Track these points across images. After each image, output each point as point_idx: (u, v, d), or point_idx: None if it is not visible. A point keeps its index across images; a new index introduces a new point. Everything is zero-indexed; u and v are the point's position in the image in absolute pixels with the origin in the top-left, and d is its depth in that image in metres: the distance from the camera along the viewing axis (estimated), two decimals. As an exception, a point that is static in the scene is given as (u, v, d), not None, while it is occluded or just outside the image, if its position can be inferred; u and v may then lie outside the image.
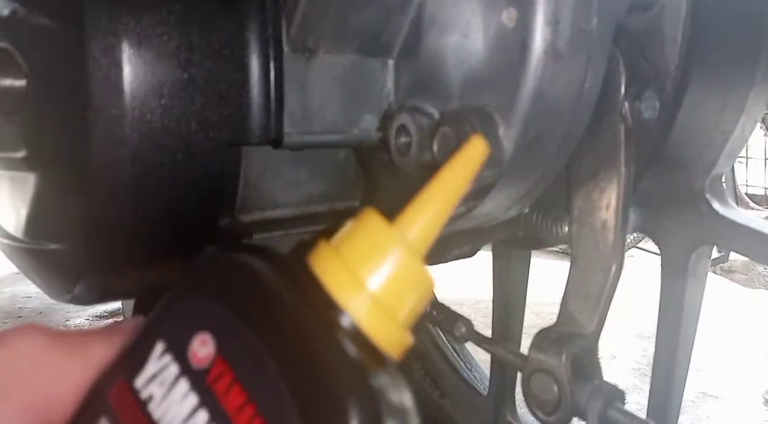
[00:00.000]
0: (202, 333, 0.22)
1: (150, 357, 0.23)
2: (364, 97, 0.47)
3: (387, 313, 0.23)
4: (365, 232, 0.24)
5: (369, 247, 0.24)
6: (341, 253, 0.24)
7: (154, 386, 0.22)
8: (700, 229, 0.56)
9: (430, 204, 0.25)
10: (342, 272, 0.23)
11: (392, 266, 0.24)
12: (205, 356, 0.22)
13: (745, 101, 0.55)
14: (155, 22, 0.41)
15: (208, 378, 0.22)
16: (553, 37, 0.38)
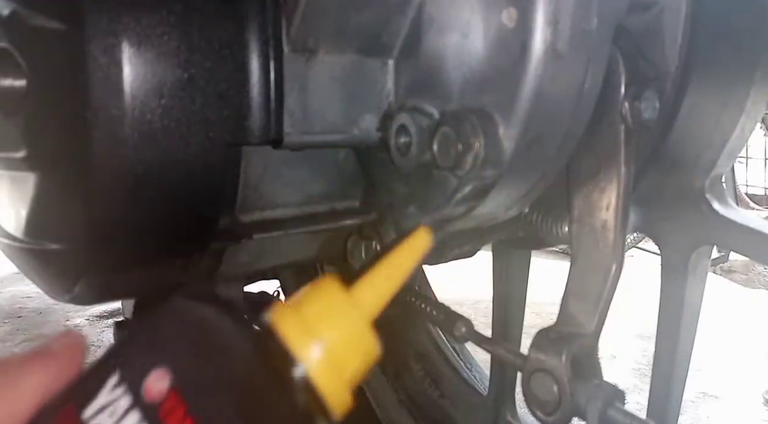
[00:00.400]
0: (158, 368, 0.23)
1: (103, 388, 0.23)
2: (364, 97, 0.47)
3: (335, 369, 0.25)
4: (322, 295, 0.27)
5: (325, 309, 0.26)
6: (299, 311, 0.26)
7: (103, 417, 0.23)
8: (700, 229, 0.56)
9: (380, 279, 0.28)
10: (298, 328, 0.25)
11: (344, 328, 0.26)
12: (159, 390, 0.23)
13: (745, 101, 0.55)
14: (155, 22, 0.41)
15: (161, 411, 0.22)
16: (553, 37, 0.38)
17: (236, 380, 0.23)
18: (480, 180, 0.42)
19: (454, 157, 0.41)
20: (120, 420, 0.22)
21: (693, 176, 0.56)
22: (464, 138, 0.41)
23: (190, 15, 0.42)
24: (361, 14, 0.45)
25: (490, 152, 0.41)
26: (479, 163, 0.41)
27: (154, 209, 0.43)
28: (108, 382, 0.23)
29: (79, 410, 0.23)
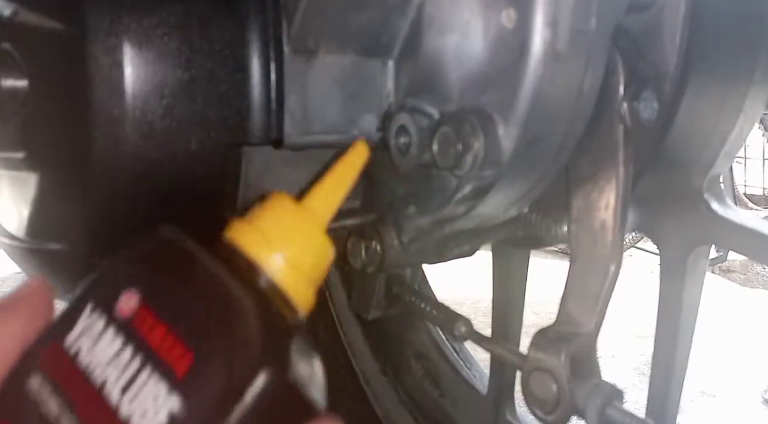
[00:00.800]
0: (128, 291, 0.25)
1: (79, 318, 0.25)
2: (364, 98, 0.47)
3: (297, 273, 0.28)
4: (276, 208, 0.29)
5: (280, 219, 0.29)
6: (255, 225, 0.28)
7: (82, 340, 0.25)
8: (698, 229, 0.56)
9: (328, 190, 0.31)
10: (257, 239, 0.28)
11: (300, 234, 0.29)
12: (130, 307, 0.25)
13: (743, 101, 0.55)
14: (156, 22, 0.41)
15: (133, 323, 0.24)
16: (552, 38, 0.39)
17: (203, 290, 0.25)
18: (479, 180, 0.42)
19: (454, 157, 0.41)
20: (98, 339, 0.24)
21: (691, 176, 0.56)
22: (464, 138, 0.41)
23: (191, 16, 0.42)
24: (361, 15, 0.45)
25: (490, 152, 0.41)
26: (479, 163, 0.41)
27: (155, 209, 0.43)
28: (83, 313, 0.25)
29: (60, 341, 0.25)
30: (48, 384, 0.24)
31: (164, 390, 0.23)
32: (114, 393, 0.23)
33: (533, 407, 0.49)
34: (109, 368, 0.24)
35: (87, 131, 0.41)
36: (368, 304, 0.62)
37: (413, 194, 0.47)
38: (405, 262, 0.51)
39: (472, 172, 0.41)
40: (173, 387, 0.23)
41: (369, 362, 0.87)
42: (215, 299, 0.25)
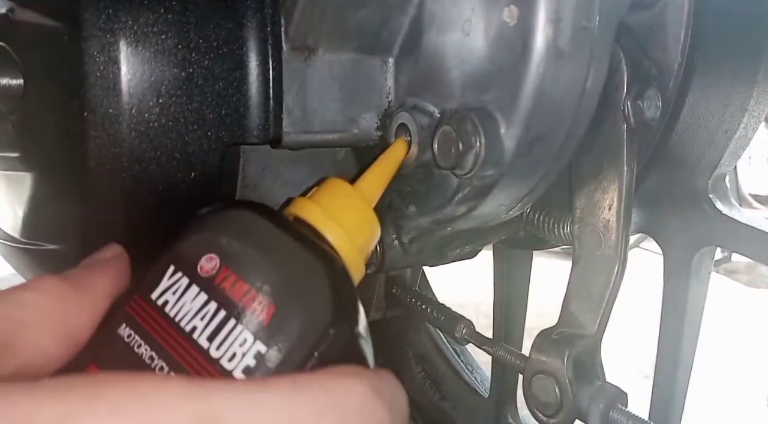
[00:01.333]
0: (208, 254, 0.28)
1: (163, 277, 0.28)
2: (364, 96, 0.47)
3: (353, 242, 0.32)
4: (333, 188, 0.34)
5: (337, 197, 0.34)
6: (316, 200, 0.33)
7: (168, 295, 0.27)
8: (703, 229, 0.55)
9: (374, 177, 0.39)
10: (320, 212, 0.32)
11: (354, 209, 0.34)
12: (212, 267, 0.27)
13: (748, 100, 0.54)
14: (153, 20, 0.40)
15: (215, 281, 0.27)
16: (554, 36, 0.38)
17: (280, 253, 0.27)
18: (481, 180, 0.42)
19: (455, 156, 0.41)
20: (183, 294, 0.27)
21: (696, 176, 0.56)
22: (465, 137, 0.40)
23: (188, 13, 0.41)
24: (361, 12, 0.44)
25: (491, 152, 0.40)
26: (480, 162, 0.40)
27: (151, 208, 0.43)
28: (166, 274, 0.28)
29: (145, 296, 0.27)
30: (137, 331, 0.27)
31: (250, 336, 0.26)
32: (202, 339, 0.26)
33: (535, 410, 0.48)
34: (195, 318, 0.26)
35: (83, 130, 0.41)
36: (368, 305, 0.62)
37: (413, 194, 0.46)
38: (405, 263, 0.51)
39: (473, 171, 0.41)
40: (259, 333, 0.26)
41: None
42: (291, 261, 0.27)
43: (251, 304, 0.27)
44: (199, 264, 0.27)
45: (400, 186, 0.46)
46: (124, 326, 0.27)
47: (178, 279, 0.27)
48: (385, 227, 0.49)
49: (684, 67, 0.50)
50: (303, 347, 0.26)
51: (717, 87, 0.54)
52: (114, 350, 0.26)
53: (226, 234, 0.28)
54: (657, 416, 0.59)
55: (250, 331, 0.26)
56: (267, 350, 0.26)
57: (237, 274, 0.27)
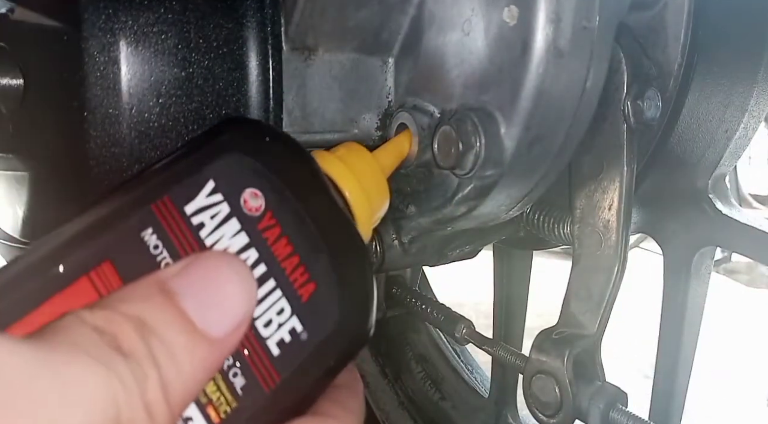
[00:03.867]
0: (253, 187, 0.26)
1: (200, 192, 0.25)
2: (364, 96, 0.47)
3: (367, 202, 0.33)
4: (355, 150, 0.35)
5: (359, 160, 0.34)
6: (339, 155, 0.33)
7: (204, 217, 0.25)
8: (703, 229, 0.55)
9: (390, 152, 0.42)
10: (341, 167, 0.32)
11: (372, 172, 0.35)
12: (256, 206, 0.26)
13: (748, 100, 0.54)
14: (153, 20, 0.40)
15: (259, 225, 0.25)
16: (554, 35, 0.38)
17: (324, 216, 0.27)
18: (481, 180, 0.42)
19: (455, 156, 0.41)
20: (221, 224, 0.25)
21: (696, 176, 0.56)
22: (465, 137, 0.40)
23: (188, 13, 0.41)
24: (361, 12, 0.44)
25: (491, 152, 0.40)
26: (480, 162, 0.40)
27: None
28: (204, 188, 0.25)
29: (178, 204, 0.25)
30: (165, 244, 0.24)
31: (288, 308, 0.25)
32: None
33: (535, 410, 0.48)
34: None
35: (83, 130, 0.41)
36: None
37: (413, 194, 0.46)
38: (405, 263, 0.51)
39: (473, 171, 0.41)
40: (296, 308, 0.25)
41: (369, 365, 0.86)
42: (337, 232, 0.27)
43: (293, 272, 0.26)
44: (242, 196, 0.25)
45: (400, 186, 0.46)
46: (150, 232, 0.24)
47: (218, 203, 0.25)
48: (385, 227, 0.49)
49: (684, 67, 0.50)
50: (332, 345, 0.26)
51: (717, 87, 0.54)
52: (135, 255, 0.24)
53: (270, 170, 0.26)
54: (657, 416, 0.59)
55: (288, 302, 0.25)
56: (303, 330, 0.25)
57: (282, 228, 0.26)
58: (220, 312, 0.23)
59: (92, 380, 0.19)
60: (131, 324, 0.21)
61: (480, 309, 1.25)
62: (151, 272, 0.23)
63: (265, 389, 0.24)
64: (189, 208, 0.25)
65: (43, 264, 0.23)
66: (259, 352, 0.24)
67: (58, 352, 0.19)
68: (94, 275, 0.23)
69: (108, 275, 0.23)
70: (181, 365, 0.21)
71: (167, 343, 0.21)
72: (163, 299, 0.22)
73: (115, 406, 0.19)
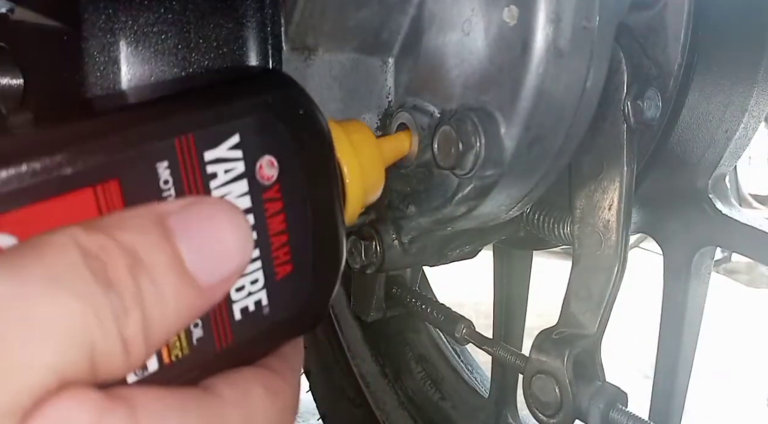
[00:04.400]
0: (272, 155, 0.26)
1: (224, 143, 0.25)
2: (364, 96, 0.47)
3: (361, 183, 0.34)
4: (362, 131, 0.37)
5: (363, 141, 0.36)
6: (347, 132, 0.34)
7: (219, 168, 0.25)
8: (703, 229, 0.55)
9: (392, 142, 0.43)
10: (347, 145, 0.33)
11: (373, 159, 0.36)
12: (269, 175, 0.26)
13: (748, 100, 0.54)
14: (153, 20, 0.40)
15: (264, 194, 0.26)
16: (554, 35, 0.38)
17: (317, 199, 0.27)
18: (481, 180, 0.42)
19: (455, 156, 0.41)
20: (232, 181, 0.25)
21: (696, 176, 0.56)
22: (465, 137, 0.40)
23: (188, 13, 0.41)
24: (361, 12, 0.44)
25: (491, 152, 0.40)
26: (480, 162, 0.40)
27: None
28: (228, 140, 0.25)
29: (200, 147, 0.24)
30: (174, 180, 0.24)
31: (261, 281, 0.26)
32: None
33: (535, 410, 0.48)
34: None
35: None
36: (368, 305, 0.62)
37: (413, 194, 0.46)
38: (405, 263, 0.51)
39: (473, 171, 0.41)
40: (269, 285, 0.26)
41: (368, 365, 0.86)
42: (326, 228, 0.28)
43: (278, 250, 0.26)
44: (260, 161, 0.25)
45: (400, 186, 0.46)
46: (165, 166, 0.23)
47: (236, 160, 0.25)
48: (385, 227, 0.49)
49: (684, 67, 0.50)
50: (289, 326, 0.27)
51: (717, 87, 0.53)
52: (144, 183, 0.23)
53: (294, 144, 0.26)
54: (657, 416, 0.59)
55: (264, 275, 0.26)
56: (267, 305, 0.26)
57: (284, 204, 0.26)
58: (214, 261, 0.22)
59: (65, 316, 0.19)
60: (123, 255, 0.20)
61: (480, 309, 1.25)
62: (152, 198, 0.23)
63: (217, 347, 0.25)
64: (208, 155, 0.24)
65: (52, 161, 0.21)
66: (224, 312, 0.25)
67: (31, 283, 0.19)
68: (99, 189, 0.22)
69: (113, 194, 0.22)
70: (166, 307, 0.21)
71: (156, 282, 0.21)
72: (160, 236, 0.21)
73: (89, 342, 0.19)
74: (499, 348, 0.54)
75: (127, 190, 0.23)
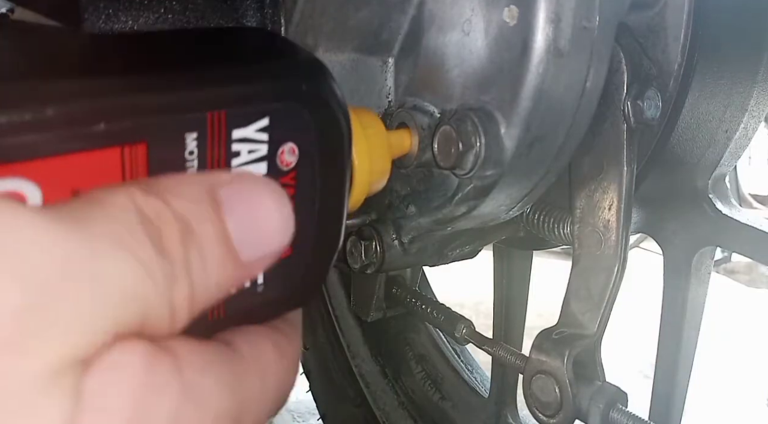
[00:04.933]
0: (294, 143, 0.26)
1: (254, 123, 0.25)
2: (364, 96, 0.47)
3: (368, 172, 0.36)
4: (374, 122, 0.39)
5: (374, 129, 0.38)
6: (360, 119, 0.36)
7: (243, 147, 0.25)
8: (703, 229, 0.55)
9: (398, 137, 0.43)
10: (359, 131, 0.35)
11: (381, 148, 0.38)
12: (288, 162, 0.26)
13: (748, 100, 0.54)
14: (153, 20, 0.40)
15: (281, 179, 0.26)
16: (554, 35, 0.38)
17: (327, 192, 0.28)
18: (481, 180, 0.42)
19: (455, 156, 0.41)
20: (253, 162, 0.25)
21: (696, 176, 0.56)
22: (465, 137, 0.40)
23: (188, 13, 0.41)
24: (361, 12, 0.44)
25: (491, 152, 0.40)
26: (480, 162, 0.40)
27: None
28: (258, 122, 0.25)
29: (229, 123, 0.24)
30: (199, 151, 0.24)
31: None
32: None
33: (535, 410, 0.48)
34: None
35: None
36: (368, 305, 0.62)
37: (413, 194, 0.46)
38: (405, 263, 0.51)
39: (473, 171, 0.41)
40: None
41: (368, 364, 0.86)
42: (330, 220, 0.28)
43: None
44: (283, 146, 0.26)
45: (400, 186, 0.46)
46: (194, 137, 0.23)
47: (261, 141, 0.25)
48: (385, 227, 0.49)
49: (684, 67, 0.50)
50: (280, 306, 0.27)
51: (717, 87, 0.53)
52: (171, 151, 0.23)
53: (318, 136, 0.26)
54: (657, 416, 0.59)
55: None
56: (262, 284, 0.26)
57: (296, 191, 0.26)
58: (258, 239, 0.23)
59: (128, 276, 0.19)
60: (177, 224, 0.21)
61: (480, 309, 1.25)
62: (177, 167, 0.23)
63: (209, 319, 0.25)
64: (236, 133, 0.24)
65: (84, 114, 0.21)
66: None
67: (99, 241, 0.19)
68: (127, 150, 0.22)
69: (138, 157, 0.22)
70: (209, 279, 0.22)
71: (203, 254, 0.21)
72: (211, 208, 0.22)
73: (144, 305, 0.20)
74: (499, 348, 0.54)
75: (153, 155, 0.23)
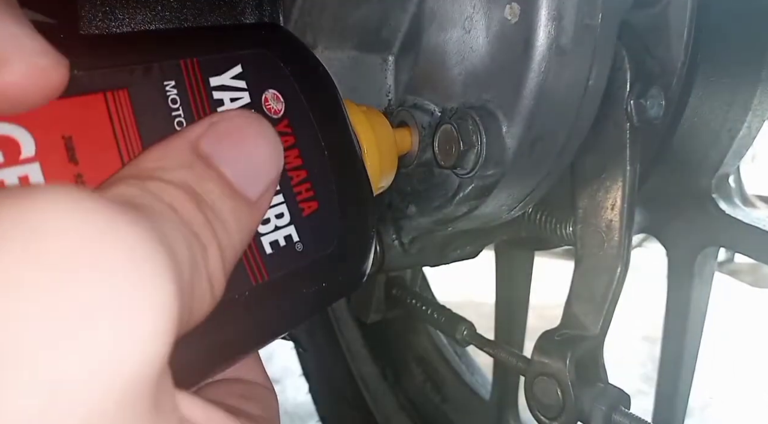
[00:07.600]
0: (276, 90, 0.26)
1: (228, 71, 0.25)
2: (364, 94, 0.46)
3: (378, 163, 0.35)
4: (380, 119, 0.38)
5: (381, 126, 0.37)
6: (368, 116, 0.35)
7: (225, 96, 0.25)
8: (706, 229, 0.55)
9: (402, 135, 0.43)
10: (367, 126, 0.35)
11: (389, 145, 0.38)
12: (276, 109, 0.26)
13: (752, 99, 0.54)
14: (150, 17, 0.40)
15: (275, 127, 0.25)
16: (556, 33, 0.38)
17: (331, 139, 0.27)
18: (482, 179, 0.41)
19: (456, 155, 0.40)
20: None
21: (699, 175, 0.55)
22: (466, 136, 0.40)
23: (186, 11, 0.41)
24: (361, 10, 0.44)
25: (493, 151, 0.40)
26: (481, 162, 0.40)
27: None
28: (232, 69, 0.25)
29: (203, 70, 0.25)
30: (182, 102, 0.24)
31: (288, 216, 0.26)
32: None
33: (537, 413, 0.48)
34: None
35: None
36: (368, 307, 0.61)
37: (414, 194, 0.46)
38: (405, 263, 0.50)
39: (474, 171, 0.40)
40: (296, 220, 0.26)
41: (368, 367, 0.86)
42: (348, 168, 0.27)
43: (299, 185, 0.26)
44: (265, 94, 0.26)
45: (400, 186, 0.46)
46: (173, 85, 0.24)
47: (241, 89, 0.25)
48: (385, 227, 0.48)
49: (687, 66, 0.49)
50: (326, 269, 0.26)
51: (720, 85, 0.53)
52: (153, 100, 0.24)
53: (297, 82, 0.27)
54: (661, 418, 0.59)
55: (289, 209, 0.26)
56: (299, 241, 0.26)
57: (296, 139, 0.26)
58: (254, 173, 0.23)
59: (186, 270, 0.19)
60: (186, 195, 0.20)
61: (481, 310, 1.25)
62: (173, 131, 0.23)
63: (252, 282, 0.24)
64: (214, 81, 0.25)
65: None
66: (253, 248, 0.25)
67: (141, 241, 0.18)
68: (110, 96, 0.23)
69: (122, 103, 0.23)
70: (231, 233, 0.21)
71: (217, 211, 0.21)
72: (204, 165, 0.22)
73: (183, 282, 0.19)
74: (501, 350, 0.54)
75: (137, 101, 0.23)
